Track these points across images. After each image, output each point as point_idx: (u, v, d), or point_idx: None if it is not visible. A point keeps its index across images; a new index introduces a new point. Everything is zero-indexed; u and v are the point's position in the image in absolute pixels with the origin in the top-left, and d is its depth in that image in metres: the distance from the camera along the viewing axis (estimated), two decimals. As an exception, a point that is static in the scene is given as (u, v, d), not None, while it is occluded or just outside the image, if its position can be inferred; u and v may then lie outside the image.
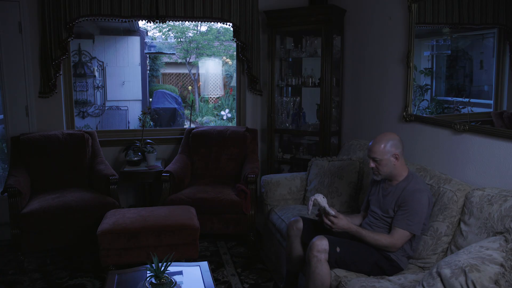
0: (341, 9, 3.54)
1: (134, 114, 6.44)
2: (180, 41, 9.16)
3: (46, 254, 3.14)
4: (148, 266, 1.96)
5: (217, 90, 7.24)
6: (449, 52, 2.99)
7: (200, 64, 8.02)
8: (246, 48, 3.80)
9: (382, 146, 2.16)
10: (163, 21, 3.68)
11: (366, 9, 3.34)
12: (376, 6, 3.20)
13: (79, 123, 6.33)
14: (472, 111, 2.65)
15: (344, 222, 2.14)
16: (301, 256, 2.36)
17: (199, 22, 4.28)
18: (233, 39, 3.86)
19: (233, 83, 8.01)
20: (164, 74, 10.10)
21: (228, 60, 9.67)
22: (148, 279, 1.90)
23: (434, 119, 2.65)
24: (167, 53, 7.67)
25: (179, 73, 10.79)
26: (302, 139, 4.00)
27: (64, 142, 3.44)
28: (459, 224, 2.09)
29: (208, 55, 9.47)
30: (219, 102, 9.92)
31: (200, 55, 9.45)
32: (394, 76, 3.00)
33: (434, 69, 2.89)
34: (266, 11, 3.73)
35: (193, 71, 10.22)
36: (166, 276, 1.90)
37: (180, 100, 7.30)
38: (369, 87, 3.32)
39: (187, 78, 10.76)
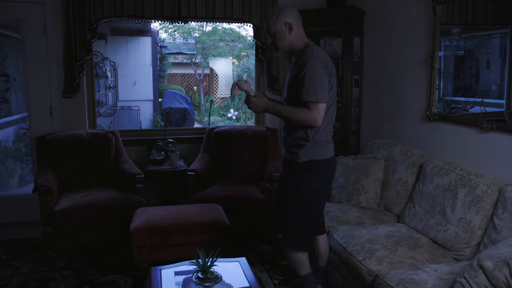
0: (361, 11, 3.61)
1: (145, 114, 6.49)
2: (186, 41, 9.23)
3: (74, 252, 3.18)
4: (194, 261, 2.01)
5: (228, 90, 7.30)
6: (462, 52, 3.07)
7: (210, 64, 8.08)
8: (266, 48, 3.85)
9: (274, 17, 2.14)
10: (185, 22, 3.73)
11: (387, 10, 3.40)
12: (397, 8, 3.27)
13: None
14: (485, 110, 2.73)
15: (262, 101, 2.16)
16: None
17: (205, 23, 4.30)
18: (253, 40, 3.92)
19: None
20: (169, 75, 10.15)
21: (234, 60, 9.73)
22: (195, 274, 1.95)
23: (459, 118, 2.72)
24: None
25: (184, 74, 10.85)
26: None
27: (88, 142, 3.48)
28: (491, 218, 2.16)
29: (214, 56, 9.53)
30: (225, 102, 9.99)
31: (205, 55, 9.52)
32: (416, 76, 3.07)
33: (442, 69, 2.95)
34: (286, 12, 3.78)
35: (199, 71, 10.29)
36: (212, 271, 1.95)
37: (190, 100, 7.35)
38: (390, 87, 3.39)
39: (192, 78, 10.82)
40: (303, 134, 2.16)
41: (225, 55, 9.55)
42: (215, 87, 10.35)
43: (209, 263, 1.93)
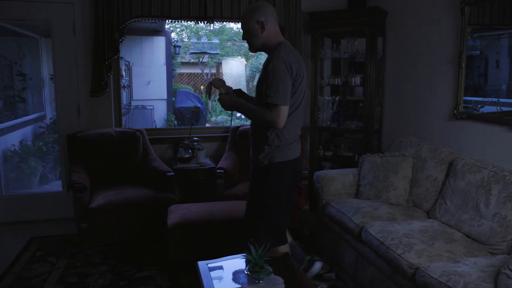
0: (384, 11, 3.68)
1: (159, 114, 6.53)
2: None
3: (106, 248, 3.23)
4: (240, 255, 2.07)
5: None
6: (478, 52, 3.15)
7: (223, 63, 8.14)
8: (289, 48, 3.91)
9: (248, 15, 2.14)
10: (211, 22, 3.78)
11: (410, 11, 3.47)
12: (421, 9, 3.34)
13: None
14: (501, 109, 2.80)
15: (231, 99, 2.18)
16: None
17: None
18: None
19: (255, 82, 8.15)
20: (178, 74, 10.20)
21: (243, 59, 9.80)
22: (247, 267, 2.01)
23: (488, 117, 2.80)
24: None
25: (191, 73, 10.89)
26: (341, 137, 4.13)
27: (117, 140, 3.54)
28: (526, 213, 2.23)
29: (222, 55, 9.59)
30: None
31: (214, 55, 9.57)
32: (442, 76, 3.14)
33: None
34: (310, 12, 3.86)
35: (206, 70, 10.33)
36: (262, 265, 2.01)
37: (201, 99, 7.40)
38: (414, 86, 3.46)
39: (199, 78, 10.86)
40: (265, 137, 2.17)
41: (233, 55, 9.61)
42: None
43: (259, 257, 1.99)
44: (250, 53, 3.82)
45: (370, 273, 2.61)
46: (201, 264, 2.21)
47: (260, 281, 2.01)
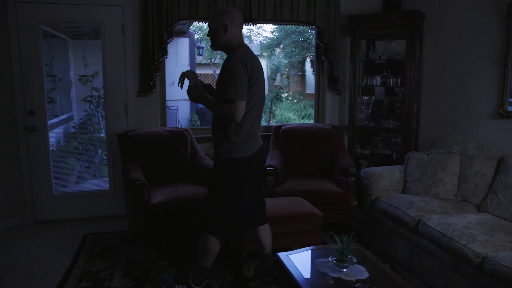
0: (423, 14, 3.82)
1: (183, 114, 6.62)
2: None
3: (163, 244, 3.31)
4: (316, 246, 2.19)
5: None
6: None
7: None
8: (329, 50, 4.04)
9: (216, 15, 2.30)
10: (255, 24, 3.89)
11: (451, 14, 3.62)
12: (463, 12, 3.48)
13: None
14: None
15: (198, 91, 2.31)
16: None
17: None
18: (317, 41, 4.10)
19: (277, 82, 8.26)
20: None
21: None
22: (332, 257, 2.13)
23: (535, 115, 2.94)
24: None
25: (202, 74, 10.98)
26: (377, 136, 4.26)
27: (167, 139, 3.63)
28: None
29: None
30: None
31: (224, 55, 9.67)
32: (485, 76, 3.28)
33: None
34: (349, 15, 3.99)
35: (218, 71, 10.43)
36: (347, 254, 2.13)
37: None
38: (454, 86, 3.60)
39: (210, 78, 10.95)
40: (224, 133, 2.30)
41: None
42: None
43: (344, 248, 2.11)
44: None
45: (429, 263, 2.73)
46: (282, 255, 2.33)
47: (344, 269, 2.13)
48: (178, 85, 2.43)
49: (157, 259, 3.10)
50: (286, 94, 10.52)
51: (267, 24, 4.11)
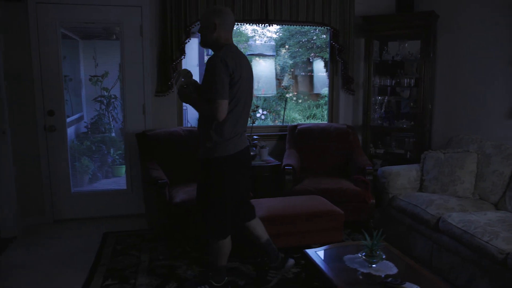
0: (437, 15, 3.87)
1: (193, 113, 6.64)
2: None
3: (183, 243, 3.35)
4: (337, 244, 2.23)
5: (271, 89, 7.58)
6: None
7: (253, 64, 8.36)
8: (343, 50, 4.09)
9: (207, 14, 2.36)
10: (271, 25, 3.94)
11: (465, 15, 3.67)
12: (478, 13, 3.53)
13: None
14: None
15: (185, 92, 2.37)
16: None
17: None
18: (331, 42, 4.15)
19: (284, 82, 8.31)
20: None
21: (261, 61, 9.96)
22: (361, 253, 2.18)
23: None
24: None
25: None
26: (389, 136, 4.31)
27: (186, 138, 3.67)
28: None
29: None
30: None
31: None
32: (501, 76, 3.34)
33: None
34: (364, 16, 4.04)
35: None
36: (376, 250, 2.18)
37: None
38: (469, 86, 3.66)
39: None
40: (207, 132, 2.35)
41: (252, 57, 9.76)
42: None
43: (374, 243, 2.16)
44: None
45: (449, 260, 2.78)
46: (310, 251, 2.37)
47: (374, 265, 2.18)
48: (175, 84, 2.46)
49: (179, 257, 3.14)
50: (290, 94, 10.58)
51: (283, 25, 4.15)
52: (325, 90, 9.39)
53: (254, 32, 11.05)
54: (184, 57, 3.80)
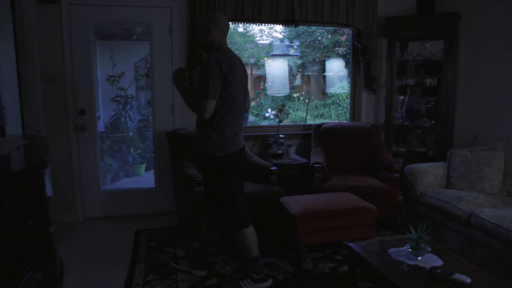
0: (461, 17, 3.96)
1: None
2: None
3: (216, 239, 3.39)
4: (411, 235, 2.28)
5: (284, 89, 7.66)
6: None
7: (266, 64, 8.45)
8: (366, 51, 4.17)
9: (204, 18, 2.49)
10: (297, 26, 4.01)
11: (489, 16, 3.75)
12: (502, 11, 3.61)
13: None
14: None
15: (181, 79, 2.48)
16: None
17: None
18: (354, 43, 4.23)
19: (297, 82, 8.39)
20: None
21: (269, 60, 10.04)
22: (407, 245, 2.25)
23: None
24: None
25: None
26: (410, 135, 4.39)
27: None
28: None
29: (248, 57, 9.80)
30: (259, 101, 10.27)
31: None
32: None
33: None
34: (387, 17, 4.12)
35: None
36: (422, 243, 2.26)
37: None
38: (493, 86, 3.73)
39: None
40: (208, 133, 2.45)
41: (259, 57, 9.83)
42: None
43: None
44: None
45: (482, 254, 2.86)
46: (354, 245, 2.44)
47: (419, 257, 2.26)
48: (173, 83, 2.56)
49: (215, 253, 3.20)
50: (297, 94, 10.66)
51: (308, 26, 4.22)
52: (332, 90, 9.48)
53: (261, 32, 11.12)
54: (212, 57, 3.86)
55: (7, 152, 1.94)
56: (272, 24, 4.12)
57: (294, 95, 10.76)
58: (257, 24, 3.96)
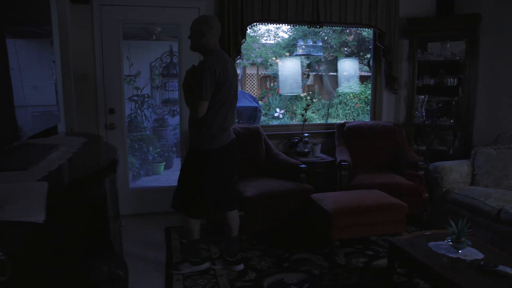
0: (482, 18, 4.05)
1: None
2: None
3: (249, 236, 3.47)
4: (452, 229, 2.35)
5: (296, 88, 7.73)
6: None
7: (279, 64, 8.53)
8: (388, 51, 4.25)
9: (198, 20, 2.67)
10: (321, 26, 4.08)
11: (509, 15, 3.84)
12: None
13: (170, 121, 6.62)
14: None
15: (188, 78, 2.65)
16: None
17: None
18: (376, 43, 4.31)
19: (309, 81, 8.48)
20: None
21: (277, 60, 10.11)
22: (447, 239, 2.33)
23: None
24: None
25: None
26: (429, 133, 4.47)
27: (243, 135, 3.80)
28: None
29: (255, 57, 9.88)
30: (267, 101, 10.35)
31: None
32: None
33: None
34: (408, 18, 4.20)
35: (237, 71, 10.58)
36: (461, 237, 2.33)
37: (256, 99, 7.68)
38: (513, 85, 3.84)
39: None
40: (198, 127, 2.65)
41: (267, 57, 9.91)
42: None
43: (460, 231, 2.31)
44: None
45: (505, 243, 2.94)
46: (394, 239, 2.52)
47: (460, 251, 2.33)
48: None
49: (249, 249, 3.26)
50: (304, 94, 10.74)
51: (332, 27, 4.28)
52: (340, 89, 9.57)
53: (268, 32, 11.20)
54: (240, 57, 3.93)
55: (78, 149, 1.93)
56: (296, 25, 4.18)
57: (302, 94, 10.84)
58: (268, 24, 4.02)
